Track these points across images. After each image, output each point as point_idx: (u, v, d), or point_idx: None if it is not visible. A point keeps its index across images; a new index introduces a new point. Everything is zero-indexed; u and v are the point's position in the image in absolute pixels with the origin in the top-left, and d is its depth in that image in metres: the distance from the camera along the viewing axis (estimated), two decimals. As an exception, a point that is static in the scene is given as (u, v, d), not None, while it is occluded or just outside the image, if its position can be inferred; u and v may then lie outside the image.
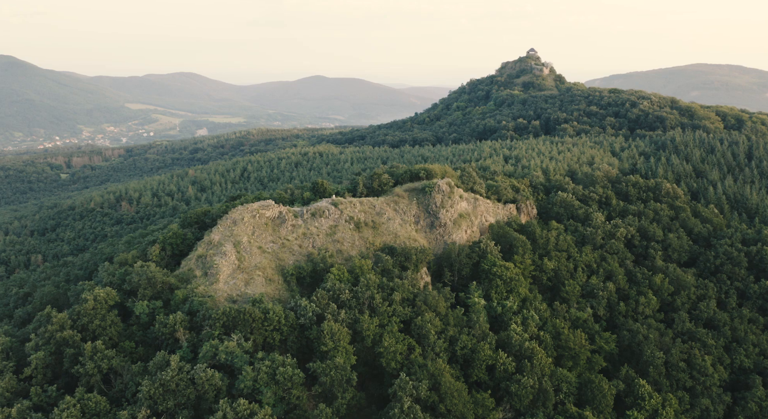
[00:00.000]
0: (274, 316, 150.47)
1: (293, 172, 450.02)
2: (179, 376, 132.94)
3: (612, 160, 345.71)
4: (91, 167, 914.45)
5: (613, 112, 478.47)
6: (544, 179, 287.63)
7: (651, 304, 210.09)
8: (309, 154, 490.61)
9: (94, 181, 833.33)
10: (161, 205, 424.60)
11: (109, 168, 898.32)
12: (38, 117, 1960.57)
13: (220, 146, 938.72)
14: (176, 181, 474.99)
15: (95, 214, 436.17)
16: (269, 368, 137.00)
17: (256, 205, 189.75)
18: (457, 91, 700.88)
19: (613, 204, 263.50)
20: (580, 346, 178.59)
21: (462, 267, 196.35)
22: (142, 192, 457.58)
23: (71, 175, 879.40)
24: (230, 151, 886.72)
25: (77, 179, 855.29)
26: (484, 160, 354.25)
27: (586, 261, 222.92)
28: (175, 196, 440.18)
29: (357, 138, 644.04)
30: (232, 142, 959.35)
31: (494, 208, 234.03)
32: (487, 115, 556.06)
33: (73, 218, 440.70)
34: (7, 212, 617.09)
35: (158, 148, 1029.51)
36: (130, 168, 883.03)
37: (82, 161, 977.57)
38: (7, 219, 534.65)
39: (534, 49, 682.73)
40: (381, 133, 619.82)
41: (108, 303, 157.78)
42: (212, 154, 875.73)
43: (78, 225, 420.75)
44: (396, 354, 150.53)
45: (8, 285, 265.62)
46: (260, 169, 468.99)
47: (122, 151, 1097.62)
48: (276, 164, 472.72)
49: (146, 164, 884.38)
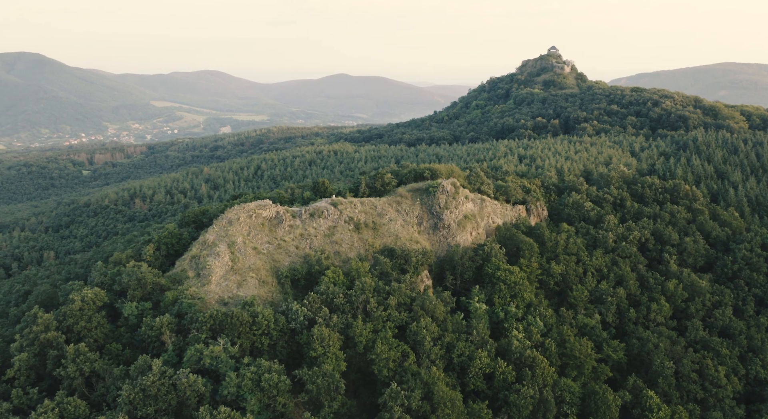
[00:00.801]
0: (262, 320, 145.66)
1: (306, 170, 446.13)
2: (161, 381, 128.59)
3: (630, 160, 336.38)
4: (113, 164, 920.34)
5: (634, 111, 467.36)
6: (557, 179, 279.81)
7: (663, 311, 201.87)
8: (324, 152, 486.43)
9: (115, 177, 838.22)
10: (174, 203, 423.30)
11: (130, 165, 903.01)
12: (65, 114, 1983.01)
13: (240, 144, 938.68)
14: (190, 179, 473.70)
15: (109, 211, 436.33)
16: (254, 374, 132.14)
17: (253, 205, 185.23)
18: (476, 90, 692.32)
19: (627, 206, 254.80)
20: (586, 355, 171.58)
21: (464, 270, 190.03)
22: (156, 189, 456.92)
23: (93, 172, 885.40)
24: (250, 148, 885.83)
25: (98, 176, 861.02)
26: (497, 160, 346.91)
27: (596, 265, 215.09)
28: (188, 193, 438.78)
29: (375, 136, 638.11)
30: (252, 139, 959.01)
31: (502, 209, 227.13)
32: (505, 114, 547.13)
33: (87, 215, 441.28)
34: (28, 208, 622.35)
35: (179, 146, 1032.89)
36: (150, 165, 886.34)
37: (104, 158, 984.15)
38: (25, 215, 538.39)
39: (555, 47, 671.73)
40: (398, 131, 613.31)
41: (96, 304, 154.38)
42: (232, 152, 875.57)
43: (91, 222, 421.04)
44: (389, 361, 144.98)
45: (13, 283, 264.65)
46: (274, 167, 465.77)
47: (144, 148, 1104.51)
48: (290, 162, 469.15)
49: (166, 161, 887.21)
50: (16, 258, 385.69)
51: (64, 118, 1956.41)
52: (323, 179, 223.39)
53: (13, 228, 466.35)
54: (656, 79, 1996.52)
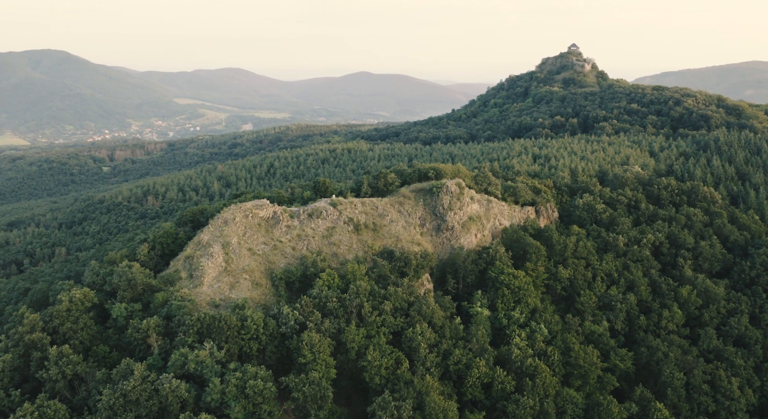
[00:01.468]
0: (251, 324, 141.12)
1: (319, 168, 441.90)
2: (142, 386, 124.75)
3: (648, 160, 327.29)
4: (132, 160, 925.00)
5: (655, 110, 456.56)
6: (570, 180, 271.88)
7: (675, 318, 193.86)
8: (337, 150, 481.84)
9: (134, 174, 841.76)
10: (185, 200, 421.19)
11: (149, 162, 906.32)
12: (89, 111, 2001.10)
13: (259, 141, 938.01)
14: (203, 176, 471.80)
15: (121, 208, 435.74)
16: (239, 380, 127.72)
17: (250, 205, 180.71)
18: (495, 88, 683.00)
19: (641, 208, 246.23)
20: (591, 364, 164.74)
21: (467, 274, 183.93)
22: (168, 186, 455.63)
23: (112, 169, 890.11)
24: (268, 146, 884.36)
25: (117, 172, 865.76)
26: (511, 159, 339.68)
27: (606, 269, 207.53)
28: (200, 191, 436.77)
29: (391, 134, 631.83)
30: (270, 137, 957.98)
31: (510, 211, 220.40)
32: (523, 112, 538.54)
33: (100, 212, 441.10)
34: (46, 204, 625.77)
35: (199, 143, 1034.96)
36: (169, 162, 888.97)
37: (124, 154, 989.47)
38: (42, 211, 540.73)
39: (575, 45, 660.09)
40: (415, 129, 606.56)
41: (84, 304, 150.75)
42: (250, 149, 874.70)
43: (104, 219, 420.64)
44: (381, 369, 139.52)
45: (18, 280, 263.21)
46: (287, 165, 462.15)
47: (164, 144, 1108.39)
48: (303, 160, 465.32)
49: (185, 158, 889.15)
50: (29, 255, 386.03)
51: (88, 114, 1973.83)
52: (324, 178, 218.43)
53: (28, 224, 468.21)
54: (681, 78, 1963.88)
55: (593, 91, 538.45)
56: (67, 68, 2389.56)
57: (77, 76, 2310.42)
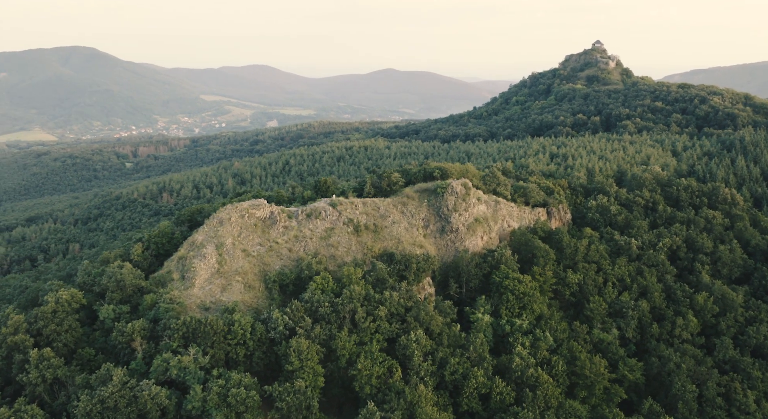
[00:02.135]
0: (238, 329, 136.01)
1: (334, 166, 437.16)
2: (120, 393, 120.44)
3: (670, 160, 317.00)
4: (155, 157, 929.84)
5: (680, 108, 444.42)
6: (586, 180, 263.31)
7: (690, 327, 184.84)
8: (354, 148, 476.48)
9: (156, 170, 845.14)
10: (199, 198, 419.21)
11: (172, 158, 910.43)
12: (116, 107, 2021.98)
13: (281, 138, 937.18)
14: (219, 174, 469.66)
15: (136, 205, 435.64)
16: (222, 388, 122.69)
17: (246, 204, 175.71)
18: (517, 85, 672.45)
19: (659, 210, 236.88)
20: (598, 374, 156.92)
21: (470, 278, 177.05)
22: (183, 183, 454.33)
23: (135, 165, 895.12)
24: (290, 143, 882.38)
25: (140, 168, 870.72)
26: (527, 158, 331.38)
27: (618, 274, 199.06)
28: (215, 188, 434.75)
29: (411, 132, 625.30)
30: (292, 134, 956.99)
31: (519, 212, 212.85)
32: (545, 110, 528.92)
33: (116, 208, 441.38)
34: (67, 199, 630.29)
35: (221, 140, 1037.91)
36: (191, 158, 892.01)
37: (147, 151, 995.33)
38: (61, 206, 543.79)
39: (600, 42, 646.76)
40: (435, 127, 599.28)
41: (72, 306, 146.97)
42: (271, 146, 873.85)
43: (118, 215, 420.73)
44: (371, 378, 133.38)
45: (24, 277, 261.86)
46: (302, 162, 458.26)
47: (187, 141, 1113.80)
48: (318, 158, 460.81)
49: (207, 155, 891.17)
50: (43, 250, 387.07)
51: (115, 111, 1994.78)
52: (325, 177, 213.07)
53: (45, 220, 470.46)
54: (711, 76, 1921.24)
55: (617, 88, 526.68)
56: (96, 65, 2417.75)
57: (105, 73, 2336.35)
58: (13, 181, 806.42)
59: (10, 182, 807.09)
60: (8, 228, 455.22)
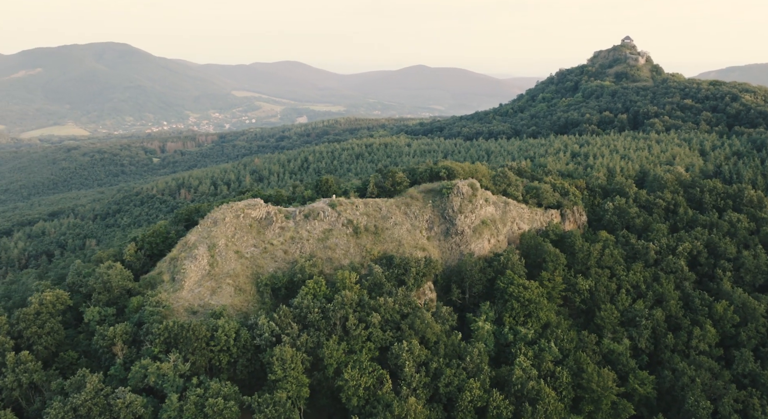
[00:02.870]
0: (222, 335, 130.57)
1: (352, 163, 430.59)
2: (94, 400, 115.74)
3: (696, 160, 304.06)
4: (181, 152, 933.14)
5: (710, 106, 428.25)
6: (605, 181, 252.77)
7: (707, 337, 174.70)
8: (374, 145, 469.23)
9: (182, 166, 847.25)
10: (216, 194, 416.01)
11: (198, 154, 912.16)
12: (148, 102, 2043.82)
13: (306, 134, 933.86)
14: (238, 170, 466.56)
15: (154, 201, 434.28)
16: (199, 398, 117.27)
17: (242, 204, 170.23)
18: (544, 82, 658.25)
19: (680, 213, 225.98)
20: (605, 388, 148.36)
21: (474, 283, 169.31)
22: (202, 180, 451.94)
23: (162, 160, 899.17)
24: (315, 139, 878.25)
25: (166, 164, 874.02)
26: (546, 157, 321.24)
27: (633, 280, 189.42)
28: (232, 185, 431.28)
29: (435, 129, 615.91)
30: (318, 130, 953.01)
31: (530, 214, 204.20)
32: (571, 108, 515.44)
33: (134, 204, 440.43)
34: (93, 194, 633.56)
35: (248, 136, 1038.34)
36: (217, 154, 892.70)
37: (175, 146, 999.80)
38: (85, 201, 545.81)
39: (629, 37, 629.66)
40: (459, 124, 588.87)
41: (57, 307, 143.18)
42: (297, 142, 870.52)
43: (136, 211, 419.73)
44: (359, 389, 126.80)
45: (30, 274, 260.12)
46: (321, 159, 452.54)
47: (215, 137, 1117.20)
48: (338, 155, 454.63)
49: (233, 151, 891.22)
50: (61, 246, 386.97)
51: (147, 106, 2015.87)
52: (327, 176, 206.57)
53: (67, 215, 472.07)
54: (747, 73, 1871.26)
55: (646, 85, 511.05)
56: (129, 61, 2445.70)
57: (138, 69, 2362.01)
58: (42, 176, 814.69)
59: (39, 176, 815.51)
60: (30, 223, 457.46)
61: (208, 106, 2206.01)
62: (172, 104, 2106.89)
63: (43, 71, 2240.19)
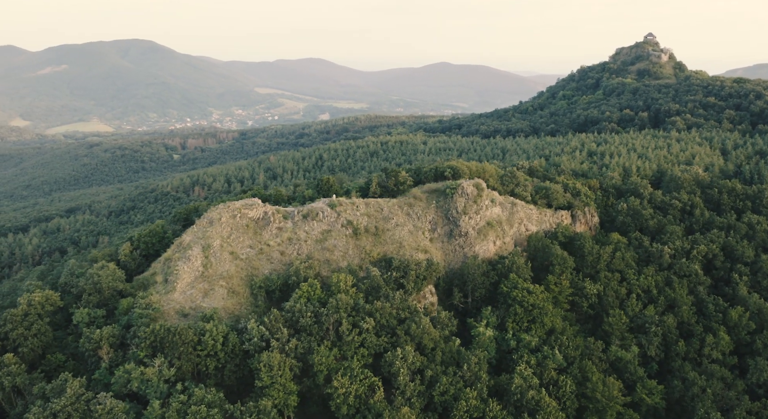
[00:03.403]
0: (209, 339, 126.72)
1: (366, 161, 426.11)
2: (74, 406, 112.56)
3: (717, 159, 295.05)
4: (202, 149, 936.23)
5: (733, 104, 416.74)
6: (620, 181, 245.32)
7: (721, 345, 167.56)
8: (389, 143, 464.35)
9: (202, 162, 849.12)
10: (230, 191, 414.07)
11: (218, 151, 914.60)
12: (172, 99, 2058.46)
13: (326, 131, 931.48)
14: (253, 167, 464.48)
15: (168, 198, 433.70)
16: (182, 405, 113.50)
17: (239, 204, 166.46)
18: (565, 79, 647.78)
19: (696, 214, 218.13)
20: (610, 398, 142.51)
21: (476, 287, 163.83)
22: (216, 177, 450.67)
23: (182, 157, 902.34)
24: (334, 136, 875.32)
25: (186, 160, 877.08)
26: (562, 156, 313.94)
27: (644, 285, 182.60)
28: (246, 182, 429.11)
29: (454, 127, 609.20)
30: (338, 127, 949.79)
31: (539, 215, 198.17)
32: (591, 105, 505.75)
33: (149, 201, 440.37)
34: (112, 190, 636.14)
35: (268, 133, 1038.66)
36: (237, 151, 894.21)
37: (196, 143, 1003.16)
38: (103, 198, 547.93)
39: (652, 34, 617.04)
40: (478, 122, 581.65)
41: (45, 308, 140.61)
42: (316, 139, 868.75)
43: (149, 208, 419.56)
44: (349, 397, 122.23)
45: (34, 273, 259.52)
46: (335, 157, 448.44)
47: (236, 133, 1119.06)
48: (352, 153, 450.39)
49: (253, 148, 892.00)
50: (74, 242, 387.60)
51: (171, 103, 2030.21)
52: (327, 176, 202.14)
53: (84, 211, 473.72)
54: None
55: (668, 83, 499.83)
56: (154, 57, 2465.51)
57: (163, 65, 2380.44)
58: (64, 172, 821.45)
59: (61, 172, 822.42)
60: (46, 219, 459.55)
61: (231, 102, 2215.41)
62: (195, 101, 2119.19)
63: (68, 68, 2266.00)
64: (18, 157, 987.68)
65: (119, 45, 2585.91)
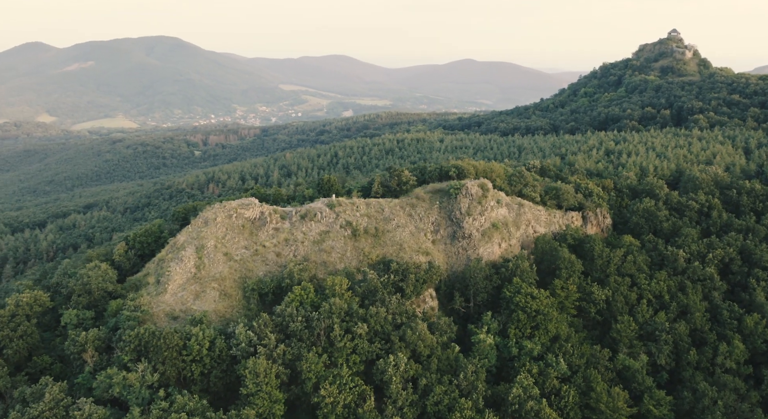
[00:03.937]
0: (194, 344, 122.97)
1: (382, 159, 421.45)
2: (52, 411, 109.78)
3: (739, 159, 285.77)
4: (222, 145, 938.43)
5: (758, 101, 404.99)
6: (636, 181, 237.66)
7: (735, 354, 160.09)
8: (406, 140, 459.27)
9: (223, 159, 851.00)
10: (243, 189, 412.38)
11: (239, 147, 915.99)
12: (197, 96, 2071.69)
13: (347, 128, 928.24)
14: (268, 165, 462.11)
15: (183, 195, 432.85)
16: (163, 412, 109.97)
17: (235, 203, 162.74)
18: (587, 76, 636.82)
19: (713, 216, 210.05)
20: (614, 409, 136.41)
21: (478, 291, 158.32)
22: (231, 174, 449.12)
23: (203, 153, 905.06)
24: (355, 133, 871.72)
25: (207, 157, 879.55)
26: (577, 155, 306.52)
27: (655, 290, 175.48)
28: (260, 179, 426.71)
29: (474, 124, 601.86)
30: (359, 124, 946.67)
31: (548, 217, 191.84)
32: (613, 103, 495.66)
33: (164, 198, 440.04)
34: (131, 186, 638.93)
35: (290, 130, 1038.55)
36: (258, 148, 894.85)
37: (218, 139, 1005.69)
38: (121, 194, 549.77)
39: (676, 30, 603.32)
40: (497, 119, 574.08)
41: (34, 309, 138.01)
42: (337, 136, 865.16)
43: (164, 205, 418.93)
44: (337, 406, 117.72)
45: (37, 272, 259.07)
46: (351, 154, 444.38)
47: (258, 130, 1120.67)
48: (368, 151, 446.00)
49: (273, 144, 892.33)
50: (88, 239, 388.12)
51: (195, 99, 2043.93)
52: (328, 175, 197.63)
53: (101, 207, 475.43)
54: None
55: (692, 80, 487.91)
56: (179, 54, 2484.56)
57: (188, 62, 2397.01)
58: (86, 167, 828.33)
59: (84, 168, 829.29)
60: (64, 215, 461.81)
61: (256, 99, 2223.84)
62: (219, 97, 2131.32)
63: (95, 64, 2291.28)
64: (43, 153, 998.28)
65: (145, 42, 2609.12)
